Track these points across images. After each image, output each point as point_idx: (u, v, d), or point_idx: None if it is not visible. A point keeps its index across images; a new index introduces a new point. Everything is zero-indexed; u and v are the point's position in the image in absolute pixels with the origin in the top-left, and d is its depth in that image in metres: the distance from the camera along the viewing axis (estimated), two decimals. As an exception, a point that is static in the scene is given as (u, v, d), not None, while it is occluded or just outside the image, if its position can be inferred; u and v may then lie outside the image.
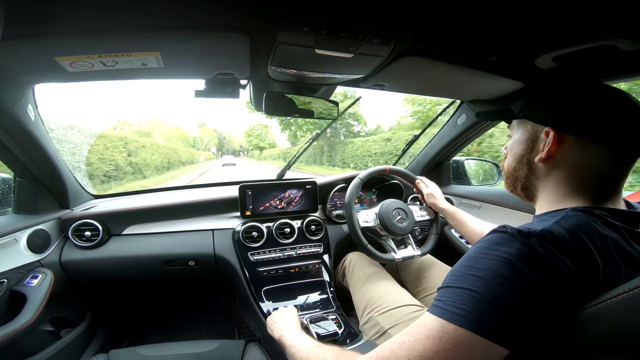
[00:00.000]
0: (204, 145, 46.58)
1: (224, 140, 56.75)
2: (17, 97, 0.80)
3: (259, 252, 1.19)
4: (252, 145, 46.03)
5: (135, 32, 0.57)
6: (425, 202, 1.17)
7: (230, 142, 57.63)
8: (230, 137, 58.84)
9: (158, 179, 12.47)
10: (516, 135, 0.55)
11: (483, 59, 0.75)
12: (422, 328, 0.40)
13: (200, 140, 47.99)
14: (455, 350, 0.37)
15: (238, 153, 52.77)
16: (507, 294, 0.37)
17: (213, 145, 49.20)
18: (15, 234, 0.95)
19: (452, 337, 0.38)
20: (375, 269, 1.12)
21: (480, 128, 1.30)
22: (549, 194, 0.50)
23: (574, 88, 0.49)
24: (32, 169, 1.01)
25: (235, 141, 58.13)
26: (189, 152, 25.83)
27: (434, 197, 1.12)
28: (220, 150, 51.67)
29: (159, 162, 14.07)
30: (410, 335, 0.41)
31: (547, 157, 0.48)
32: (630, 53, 0.61)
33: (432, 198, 1.12)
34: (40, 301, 0.90)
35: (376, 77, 0.86)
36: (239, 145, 56.00)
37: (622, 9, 0.51)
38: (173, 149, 19.08)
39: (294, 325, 0.81)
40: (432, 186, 1.16)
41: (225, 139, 57.24)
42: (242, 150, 53.33)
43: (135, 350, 0.88)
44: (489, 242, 0.42)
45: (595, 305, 0.37)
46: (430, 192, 1.13)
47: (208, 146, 48.16)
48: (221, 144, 55.30)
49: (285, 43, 0.64)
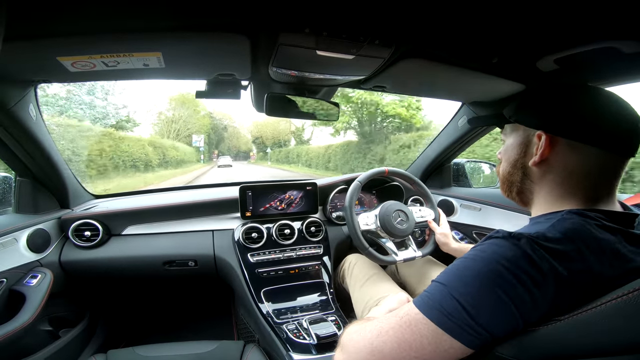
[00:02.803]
0: (179, 134, 22.75)
1: (223, 132, 35.98)
2: (19, 96, 0.80)
3: (258, 253, 1.19)
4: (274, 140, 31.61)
5: (137, 32, 0.58)
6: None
7: (233, 138, 37.75)
8: (235, 133, 38.25)
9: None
10: (509, 140, 0.56)
11: (484, 60, 0.75)
12: (398, 309, 0.46)
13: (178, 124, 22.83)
14: (407, 330, 0.42)
15: (245, 155, 37.54)
16: (475, 291, 0.39)
17: (202, 133, 25.62)
18: (15, 234, 0.95)
19: (411, 318, 0.42)
20: (375, 271, 1.12)
21: (481, 130, 1.30)
22: (544, 197, 0.51)
23: (564, 91, 0.49)
24: (32, 169, 1.01)
25: (241, 139, 38.90)
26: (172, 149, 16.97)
27: (446, 238, 1.12)
28: (216, 148, 33.43)
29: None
30: (389, 314, 0.47)
31: (540, 161, 0.49)
32: (631, 55, 0.61)
33: (444, 238, 1.12)
34: (39, 301, 0.90)
35: (377, 78, 0.86)
36: (244, 145, 38.52)
37: (624, 11, 0.51)
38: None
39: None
40: (445, 227, 1.16)
41: (227, 130, 36.89)
42: (249, 152, 37.51)
43: (133, 350, 0.88)
44: (481, 244, 0.43)
45: (591, 308, 0.36)
46: (442, 232, 1.13)
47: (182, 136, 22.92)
48: (218, 138, 34.50)
49: (287, 44, 0.64)
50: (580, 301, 0.38)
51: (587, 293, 0.38)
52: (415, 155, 1.63)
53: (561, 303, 0.38)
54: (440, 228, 1.15)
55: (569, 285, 0.38)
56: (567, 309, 0.38)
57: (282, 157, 27.77)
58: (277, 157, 29.34)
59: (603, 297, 0.36)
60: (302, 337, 0.95)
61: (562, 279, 0.38)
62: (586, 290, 0.38)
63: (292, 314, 1.09)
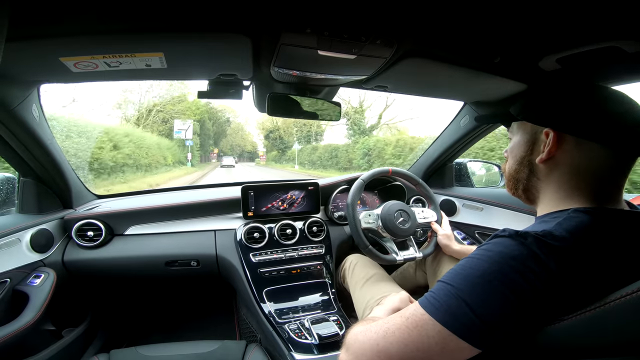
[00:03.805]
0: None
1: (225, 125, 28.74)
2: (22, 97, 0.80)
3: (260, 253, 1.19)
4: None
5: (139, 33, 0.58)
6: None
7: (237, 135, 30.49)
8: (239, 129, 30.87)
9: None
10: (516, 137, 0.55)
11: (486, 60, 0.75)
12: (404, 310, 0.46)
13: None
14: (413, 331, 0.41)
15: (251, 155, 32.06)
16: (481, 291, 0.39)
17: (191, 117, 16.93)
18: (19, 234, 0.95)
19: (417, 319, 0.42)
20: (376, 271, 1.12)
21: (483, 130, 1.29)
22: (550, 195, 0.50)
23: (572, 88, 0.49)
24: (35, 169, 1.02)
25: (247, 137, 31.80)
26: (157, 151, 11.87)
27: (448, 240, 1.12)
28: (216, 146, 26.72)
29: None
30: (394, 315, 0.47)
31: (547, 158, 0.49)
32: (634, 55, 0.61)
33: (447, 240, 1.12)
34: (43, 301, 0.90)
35: (379, 78, 0.86)
36: (250, 144, 31.94)
37: (626, 10, 0.51)
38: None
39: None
40: (446, 228, 1.16)
41: (230, 124, 29.27)
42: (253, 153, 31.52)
43: (136, 350, 0.88)
44: (487, 244, 0.43)
45: (597, 307, 0.36)
46: (445, 234, 1.14)
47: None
48: (218, 131, 26.94)
49: (288, 44, 0.64)
50: (586, 300, 0.38)
51: (594, 292, 0.38)
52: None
53: (568, 302, 0.38)
54: (443, 230, 1.15)
55: (576, 284, 0.38)
56: (573, 307, 0.38)
57: (319, 156, 17.81)
58: (309, 156, 19.56)
59: (609, 295, 0.36)
60: (304, 337, 0.95)
61: (569, 278, 0.38)
62: (592, 289, 0.38)
63: (294, 313, 1.09)
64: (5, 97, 0.76)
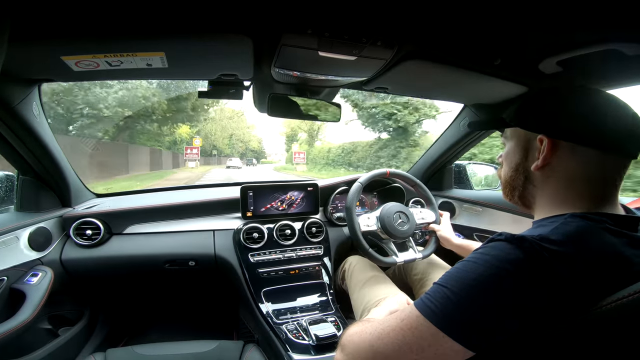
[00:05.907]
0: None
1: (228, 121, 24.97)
2: (22, 95, 0.80)
3: (259, 253, 1.19)
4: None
5: (140, 32, 0.58)
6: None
7: (242, 137, 28.03)
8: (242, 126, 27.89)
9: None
10: (510, 143, 0.55)
11: (486, 62, 0.75)
12: (399, 312, 0.46)
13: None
14: (408, 332, 0.42)
15: (256, 156, 30.50)
16: (476, 294, 0.39)
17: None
18: (17, 232, 0.95)
19: (412, 320, 0.42)
20: (375, 273, 1.12)
21: (484, 132, 1.30)
22: (546, 200, 0.50)
23: (563, 94, 0.49)
24: (35, 167, 1.02)
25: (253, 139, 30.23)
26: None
27: (448, 234, 1.13)
28: (216, 148, 24.44)
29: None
30: (389, 316, 0.47)
31: (543, 165, 0.48)
32: (634, 58, 0.61)
33: (446, 234, 1.13)
34: (39, 299, 0.90)
35: (379, 80, 0.86)
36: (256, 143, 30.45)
37: (627, 13, 0.51)
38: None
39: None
40: (446, 224, 1.18)
41: (238, 126, 26.75)
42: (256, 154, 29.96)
43: (132, 349, 0.88)
44: (484, 247, 0.43)
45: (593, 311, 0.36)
46: (443, 229, 1.15)
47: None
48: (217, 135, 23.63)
49: (289, 45, 0.64)
50: (582, 304, 0.38)
51: (590, 296, 0.38)
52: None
53: (563, 306, 0.38)
54: (441, 225, 1.16)
55: (572, 288, 0.38)
56: (569, 312, 0.38)
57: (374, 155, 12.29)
58: (348, 156, 14.45)
59: (605, 299, 0.36)
60: (302, 337, 0.95)
61: (565, 282, 0.38)
62: (588, 294, 0.38)
63: (292, 314, 1.09)
64: (6, 94, 0.76)
